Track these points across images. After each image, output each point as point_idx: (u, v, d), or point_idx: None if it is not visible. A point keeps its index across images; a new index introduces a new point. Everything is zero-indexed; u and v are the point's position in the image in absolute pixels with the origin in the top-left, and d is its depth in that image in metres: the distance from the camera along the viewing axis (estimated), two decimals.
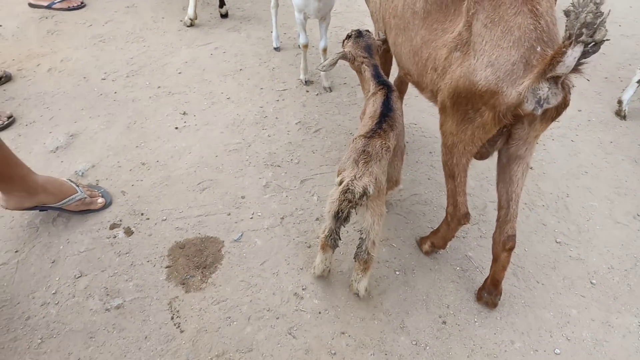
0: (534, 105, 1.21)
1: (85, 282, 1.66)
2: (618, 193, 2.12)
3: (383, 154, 1.43)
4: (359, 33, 1.78)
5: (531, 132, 1.35)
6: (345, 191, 1.32)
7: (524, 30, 1.22)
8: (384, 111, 1.54)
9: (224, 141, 2.25)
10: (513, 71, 1.22)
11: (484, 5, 1.29)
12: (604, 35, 1.06)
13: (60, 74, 2.67)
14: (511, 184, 1.48)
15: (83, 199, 1.83)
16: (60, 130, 2.26)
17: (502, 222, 1.53)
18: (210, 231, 1.85)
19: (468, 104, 1.34)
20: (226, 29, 3.14)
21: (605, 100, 2.67)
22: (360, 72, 1.75)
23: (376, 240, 1.47)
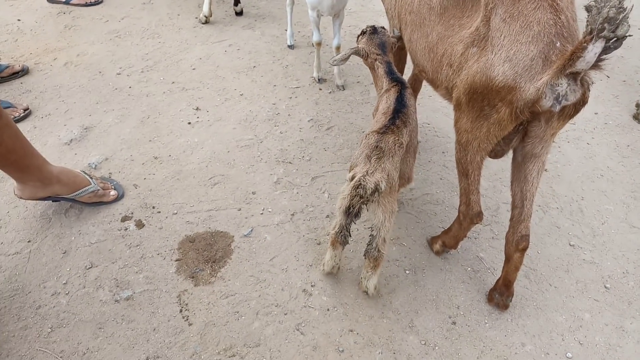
0: (552, 101, 1.19)
1: (96, 273, 1.67)
2: (634, 197, 2.08)
3: (396, 150, 1.42)
4: (374, 29, 1.77)
5: (548, 129, 1.33)
6: (357, 186, 1.31)
7: (543, 25, 1.20)
8: (398, 107, 1.53)
9: (236, 137, 2.26)
10: (532, 67, 1.21)
11: (502, 0, 1.28)
12: (626, 30, 1.04)
13: (77, 68, 2.70)
14: (526, 183, 1.46)
15: (96, 191, 1.84)
16: (74, 123, 2.28)
17: (515, 222, 1.51)
18: (220, 226, 1.85)
19: (484, 100, 1.33)
20: (241, 27, 3.15)
21: (622, 103, 2.62)
22: (374, 68, 1.74)
23: (387, 237, 1.46)
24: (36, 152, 1.67)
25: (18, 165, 1.61)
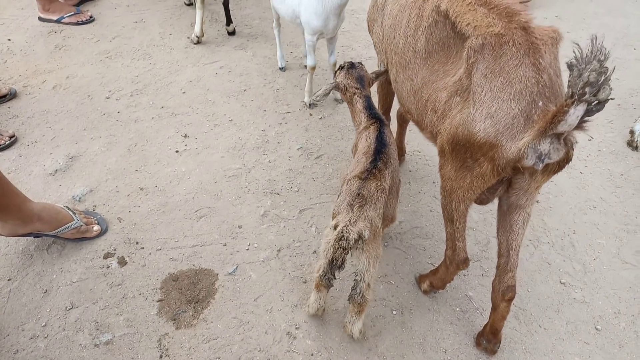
0: (534, 160, 1.16)
1: (76, 315, 1.64)
2: (627, 230, 2.05)
3: (379, 196, 1.39)
4: (352, 64, 1.76)
5: (532, 183, 1.30)
6: (339, 239, 1.28)
7: (525, 84, 1.18)
8: (379, 147, 1.51)
9: (224, 166, 2.23)
10: (513, 125, 1.18)
11: (484, 55, 1.24)
12: (608, 94, 1.02)
13: (65, 91, 2.67)
14: (511, 232, 1.43)
15: (79, 227, 1.81)
16: (60, 151, 2.25)
17: (501, 271, 1.48)
18: (205, 263, 1.82)
19: (467, 153, 1.30)
20: (233, 47, 3.13)
21: (617, 129, 2.59)
22: (352, 103, 1.72)
23: (371, 283, 1.43)
24: (16, 190, 1.64)
25: (10, 207, 1.59)
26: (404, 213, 2.07)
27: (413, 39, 1.49)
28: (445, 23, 1.38)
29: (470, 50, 1.27)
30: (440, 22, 1.40)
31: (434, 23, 1.42)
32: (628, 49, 3.31)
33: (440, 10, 1.39)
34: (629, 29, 3.55)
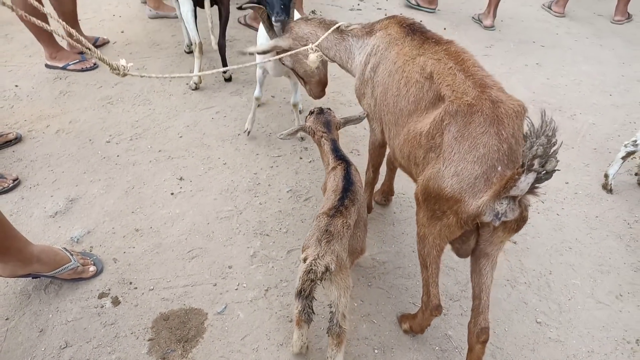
0: (492, 217, 1.28)
1: (70, 354, 1.71)
2: (601, 271, 2.14)
3: (344, 232, 1.52)
4: (321, 110, 1.93)
5: (495, 237, 1.41)
6: (308, 271, 1.38)
7: (488, 149, 1.31)
8: (346, 185, 1.65)
9: (217, 208, 2.34)
10: (475, 184, 1.30)
11: (457, 119, 1.38)
12: (554, 165, 1.14)
13: (68, 135, 2.81)
14: (481, 276, 1.52)
15: (75, 267, 1.90)
16: (61, 194, 2.37)
17: (475, 313, 1.56)
18: (195, 302, 1.90)
19: (436, 204, 1.41)
20: (229, 93, 3.29)
21: (592, 172, 2.72)
22: (320, 145, 1.87)
23: (345, 313, 1.52)
24: (18, 234, 1.74)
25: (11, 250, 1.69)
26: (387, 254, 2.16)
27: (399, 99, 1.63)
28: (428, 84, 1.53)
29: (446, 113, 1.41)
30: (423, 82, 1.54)
31: (418, 83, 1.56)
32: (604, 95, 3.49)
33: (425, 71, 1.54)
34: (605, 76, 3.75)
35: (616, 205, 2.50)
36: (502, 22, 4.56)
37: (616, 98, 3.44)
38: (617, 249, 2.25)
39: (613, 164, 2.55)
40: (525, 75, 3.65)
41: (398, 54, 1.69)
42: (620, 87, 3.59)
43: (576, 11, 4.94)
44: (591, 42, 4.32)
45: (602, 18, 4.82)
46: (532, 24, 4.59)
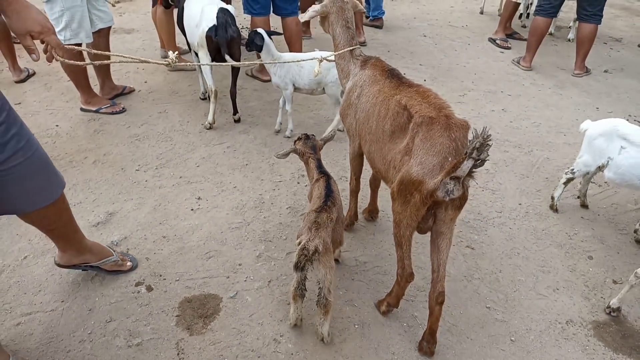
0: (443, 194, 1.79)
1: (114, 326, 2.16)
2: (543, 271, 2.61)
3: (328, 223, 2.02)
4: (307, 136, 2.46)
5: (447, 215, 1.92)
6: (302, 248, 1.87)
7: (443, 147, 1.84)
8: (328, 193, 2.16)
9: (229, 221, 2.84)
10: (433, 170, 1.83)
11: (422, 128, 1.92)
12: (486, 156, 1.66)
13: (103, 165, 3.36)
14: (438, 253, 2.01)
15: (116, 261, 2.38)
16: (100, 209, 2.88)
17: (434, 282, 2.04)
18: (212, 289, 2.37)
19: (406, 190, 1.92)
20: (238, 132, 3.87)
21: (543, 196, 3.24)
22: (307, 164, 2.40)
23: (331, 288, 1.99)
24: (78, 228, 2.24)
25: (67, 238, 2.18)
26: (368, 256, 2.65)
27: (382, 123, 2.17)
28: (403, 112, 2.07)
29: (415, 124, 1.95)
30: (400, 112, 2.09)
31: (396, 113, 2.11)
32: (559, 135, 4.07)
33: (401, 104, 2.09)
34: (561, 120, 4.35)
35: (560, 221, 3.01)
36: (475, 75, 5.23)
37: (569, 137, 4.02)
38: (557, 254, 2.74)
39: (557, 188, 3.07)
40: (492, 119, 4.26)
41: (379, 90, 2.24)
42: (573, 128, 4.17)
43: (542, 66, 5.63)
44: (553, 91, 4.97)
45: (565, 71, 5.50)
46: (502, 77, 5.26)
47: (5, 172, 1.69)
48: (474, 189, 3.27)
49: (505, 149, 3.80)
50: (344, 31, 2.46)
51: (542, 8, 5.12)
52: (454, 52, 5.89)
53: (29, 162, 1.75)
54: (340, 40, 2.47)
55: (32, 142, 1.78)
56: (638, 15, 8.04)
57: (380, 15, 6.47)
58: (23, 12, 1.48)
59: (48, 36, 1.61)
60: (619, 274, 2.64)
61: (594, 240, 2.87)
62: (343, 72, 2.50)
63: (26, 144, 1.74)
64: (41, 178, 1.86)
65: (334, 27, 2.48)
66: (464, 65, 5.50)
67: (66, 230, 2.16)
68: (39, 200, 1.90)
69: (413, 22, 6.93)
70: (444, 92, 4.72)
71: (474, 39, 6.35)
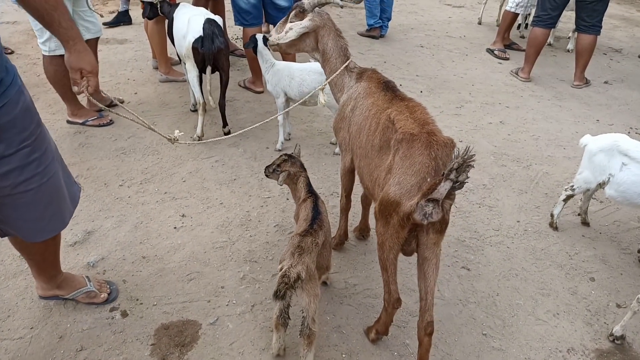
0: (421, 217, 1.67)
1: (84, 355, 2.03)
2: (542, 294, 2.48)
3: (313, 248, 1.89)
4: (290, 156, 2.34)
5: (429, 239, 1.79)
6: (283, 275, 1.75)
7: (422, 166, 1.73)
8: (314, 215, 2.04)
9: (213, 239, 2.71)
10: (410, 191, 1.71)
11: (403, 145, 1.81)
12: (465, 178, 1.55)
13: (86, 180, 3.24)
14: (425, 280, 1.88)
15: (89, 292, 2.24)
16: (79, 227, 2.75)
17: (422, 311, 1.91)
18: (191, 315, 2.23)
19: (386, 211, 1.81)
20: (227, 145, 3.76)
21: (542, 213, 3.11)
22: (295, 183, 2.27)
23: (315, 317, 1.86)
24: (59, 263, 2.15)
25: (46, 271, 2.10)
26: (358, 277, 2.51)
27: (372, 137, 2.06)
28: (392, 127, 1.96)
29: (395, 141, 1.84)
30: (389, 126, 1.98)
31: (385, 127, 2.00)
32: (559, 148, 3.95)
33: (390, 119, 1.98)
34: (561, 132, 4.24)
35: (560, 240, 2.88)
36: (473, 87, 5.13)
37: (569, 151, 3.90)
38: (557, 275, 2.61)
39: (557, 205, 2.94)
40: (489, 131, 4.14)
41: (373, 103, 2.13)
42: (574, 141, 4.05)
43: (541, 77, 5.53)
44: (552, 103, 4.86)
45: (564, 83, 5.40)
46: (499, 88, 5.16)
47: (18, 195, 1.68)
48: (470, 206, 3.14)
49: (503, 163, 3.68)
50: (336, 43, 2.34)
51: (540, 19, 5.03)
52: (451, 63, 5.80)
53: (43, 187, 1.74)
54: (332, 54, 2.34)
55: (50, 168, 1.77)
56: (638, 25, 7.97)
57: (378, 26, 6.39)
58: (83, 53, 1.76)
59: (93, 77, 1.84)
60: (622, 297, 2.50)
61: (596, 261, 2.74)
62: (337, 86, 2.39)
63: (44, 170, 1.72)
64: (52, 207, 1.83)
65: (324, 40, 2.35)
66: (461, 76, 5.40)
67: (48, 266, 2.08)
68: (47, 228, 1.87)
69: (410, 32, 6.86)
70: (440, 104, 4.62)
71: (472, 50, 6.27)
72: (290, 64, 3.60)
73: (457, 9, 8.31)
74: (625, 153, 2.52)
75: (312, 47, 2.41)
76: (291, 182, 2.33)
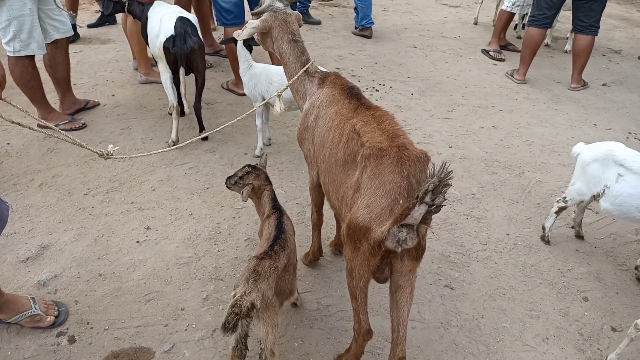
0: (394, 244, 1.48)
1: None
2: (531, 315, 2.28)
3: (271, 273, 1.70)
4: (253, 167, 2.15)
5: (404, 266, 1.60)
6: (233, 305, 1.55)
7: (393, 185, 1.54)
8: (277, 234, 1.85)
9: (178, 255, 2.52)
10: (381, 214, 1.52)
11: (371, 161, 1.62)
12: (442, 201, 1.36)
13: (50, 188, 3.05)
14: (397, 310, 1.69)
15: (33, 315, 2.04)
16: (35, 241, 2.56)
17: (394, 345, 1.72)
18: (145, 341, 2.04)
19: (355, 235, 1.62)
20: (204, 150, 3.57)
21: (534, 225, 2.92)
22: (260, 197, 2.07)
23: (274, 349, 1.67)
24: None
25: None
26: (332, 297, 2.32)
27: (335, 150, 1.87)
28: (357, 140, 1.77)
29: (362, 157, 1.65)
30: (354, 138, 1.79)
31: (350, 139, 1.81)
32: (553, 154, 3.76)
33: (355, 130, 1.79)
34: (556, 137, 4.04)
35: (552, 255, 2.68)
36: (466, 89, 4.93)
37: (564, 157, 3.70)
38: (548, 295, 2.41)
39: (549, 218, 2.75)
40: (481, 136, 3.95)
41: (336, 112, 1.94)
42: (569, 147, 3.80)
43: (537, 78, 5.34)
44: (547, 106, 4.67)
45: (561, 85, 5.20)
46: (493, 90, 4.96)
47: None
48: (457, 217, 2.95)
49: (494, 170, 3.48)
50: (292, 46, 2.14)
51: (536, 18, 4.84)
52: (444, 64, 5.60)
53: None
54: (289, 58, 2.15)
55: None
56: (638, 26, 7.77)
57: (369, 25, 6.19)
58: None
59: None
60: (618, 319, 2.31)
61: (590, 278, 2.54)
62: (298, 93, 2.20)
63: None
64: None
65: (279, 43, 2.16)
66: (454, 78, 5.21)
67: None
68: None
69: (404, 32, 6.66)
70: (431, 107, 4.43)
71: (467, 51, 6.07)
72: (268, 67, 3.40)
73: (453, 9, 8.11)
74: (622, 163, 2.33)
75: (273, 49, 2.23)
76: (255, 196, 2.14)
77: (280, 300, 1.84)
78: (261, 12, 2.18)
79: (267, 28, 2.16)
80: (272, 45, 2.25)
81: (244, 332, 1.66)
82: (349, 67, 5.22)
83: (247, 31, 2.17)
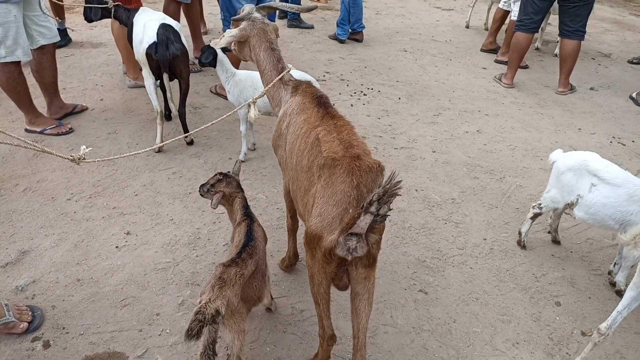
0: (345, 252, 1.51)
1: None
2: (502, 320, 2.31)
3: (236, 280, 1.73)
4: (224, 175, 2.18)
5: (358, 274, 1.63)
6: (197, 312, 1.58)
7: (343, 195, 1.57)
8: (246, 241, 1.88)
9: (156, 260, 2.55)
10: (332, 223, 1.55)
11: (324, 171, 1.66)
12: (386, 211, 1.40)
13: (33, 193, 3.08)
14: (357, 316, 1.73)
15: (7, 323, 2.06)
16: (15, 246, 2.59)
17: (355, 350, 1.76)
18: (119, 346, 2.07)
19: (311, 243, 1.65)
20: (188, 155, 3.60)
21: (511, 230, 2.95)
22: (231, 204, 2.11)
23: (241, 355, 1.70)
24: None
25: None
26: (307, 302, 2.35)
27: (301, 158, 1.90)
28: (317, 148, 1.81)
29: (317, 166, 1.69)
30: (316, 147, 1.82)
31: (312, 147, 1.84)
32: (535, 159, 3.79)
33: (318, 138, 1.83)
34: (539, 142, 4.07)
35: (527, 260, 2.71)
36: (453, 93, 4.96)
37: (545, 162, 3.68)
38: (521, 300, 2.44)
39: (525, 223, 2.78)
40: (465, 141, 3.98)
41: (305, 120, 1.97)
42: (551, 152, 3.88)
43: (525, 83, 5.37)
44: (534, 110, 4.70)
45: (548, 89, 5.23)
46: (481, 95, 4.99)
47: None
48: (436, 222, 2.98)
49: (476, 175, 3.51)
50: (269, 54, 2.18)
51: (523, 23, 4.87)
52: (434, 68, 5.64)
53: None
54: (265, 65, 2.18)
55: None
56: (629, 29, 7.80)
57: (360, 29, 6.22)
58: None
59: None
60: (588, 323, 2.33)
61: (564, 283, 2.57)
62: (274, 100, 2.23)
63: None
64: None
65: (256, 51, 2.19)
66: (443, 82, 5.24)
67: None
68: None
69: (395, 36, 6.69)
70: (417, 112, 4.46)
71: (457, 55, 6.10)
72: (252, 73, 3.43)
73: (446, 12, 8.15)
74: (595, 173, 2.36)
75: (250, 57, 2.26)
76: (227, 204, 2.17)
77: (247, 306, 1.87)
78: (240, 19, 2.22)
79: (245, 37, 2.19)
80: (249, 54, 2.29)
81: (212, 338, 1.69)
82: (339, 70, 5.25)
83: (225, 39, 2.20)
